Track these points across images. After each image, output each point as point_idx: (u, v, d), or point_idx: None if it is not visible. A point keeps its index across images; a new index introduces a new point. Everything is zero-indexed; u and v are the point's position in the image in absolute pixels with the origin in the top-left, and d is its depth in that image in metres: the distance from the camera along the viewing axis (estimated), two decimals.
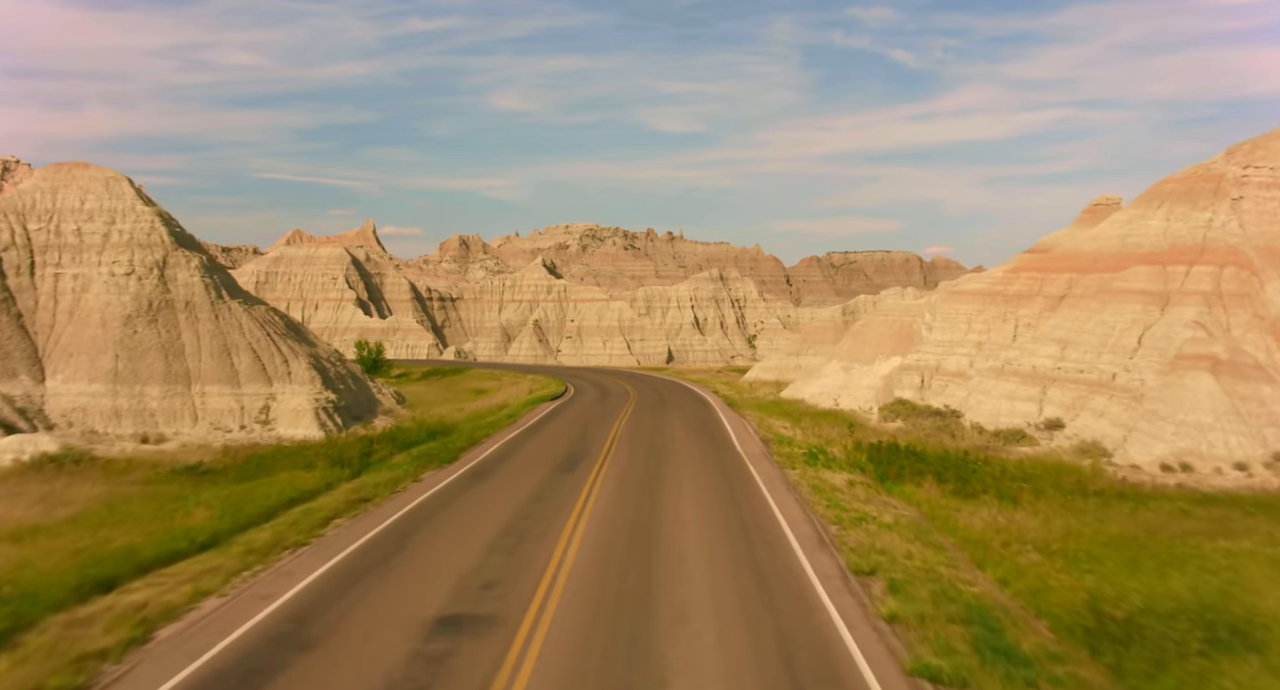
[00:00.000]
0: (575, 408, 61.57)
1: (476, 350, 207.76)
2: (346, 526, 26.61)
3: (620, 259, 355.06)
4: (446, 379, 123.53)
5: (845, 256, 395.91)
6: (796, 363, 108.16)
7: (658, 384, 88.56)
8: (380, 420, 52.52)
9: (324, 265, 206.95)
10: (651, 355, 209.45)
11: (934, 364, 58.41)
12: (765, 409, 58.48)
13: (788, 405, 59.53)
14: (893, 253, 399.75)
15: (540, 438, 46.03)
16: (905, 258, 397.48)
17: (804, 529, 25.88)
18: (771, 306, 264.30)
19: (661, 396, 69.79)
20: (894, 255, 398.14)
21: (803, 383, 64.84)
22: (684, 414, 56.18)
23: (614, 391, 77.67)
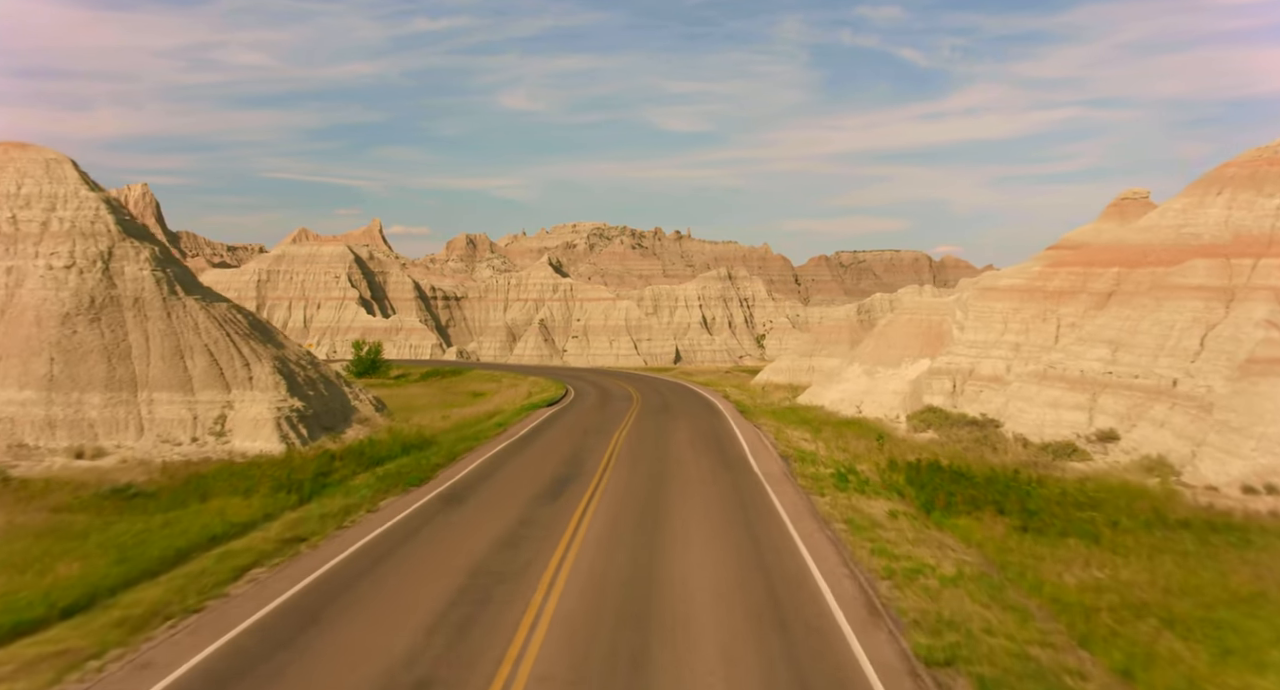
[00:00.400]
0: (573, 415, 55.72)
1: (481, 350, 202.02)
2: (263, 580, 20.66)
3: (628, 258, 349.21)
4: (445, 380, 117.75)
5: (854, 256, 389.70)
6: (809, 363, 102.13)
7: (663, 387, 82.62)
8: (354, 431, 46.59)
9: (326, 264, 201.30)
10: (659, 355, 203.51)
11: (967, 367, 52.35)
12: (781, 417, 52.55)
13: (805, 412, 53.60)
14: (902, 252, 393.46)
15: (528, 453, 40.06)
16: (915, 257, 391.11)
17: (847, 588, 19.85)
18: (780, 306, 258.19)
19: (667, 401, 63.94)
20: (903, 254, 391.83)
21: (821, 387, 58.73)
22: (692, 423, 50.25)
23: (616, 395, 71.81)
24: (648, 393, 72.77)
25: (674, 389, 78.57)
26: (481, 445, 42.84)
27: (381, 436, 43.91)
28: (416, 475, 34.11)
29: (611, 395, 71.84)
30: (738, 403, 60.65)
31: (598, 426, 48.75)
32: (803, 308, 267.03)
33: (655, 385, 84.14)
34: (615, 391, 76.07)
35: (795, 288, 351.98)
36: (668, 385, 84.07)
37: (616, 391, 75.88)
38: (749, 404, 59.38)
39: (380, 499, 29.93)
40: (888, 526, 26.16)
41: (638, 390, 76.60)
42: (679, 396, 69.24)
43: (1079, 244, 61.69)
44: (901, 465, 35.58)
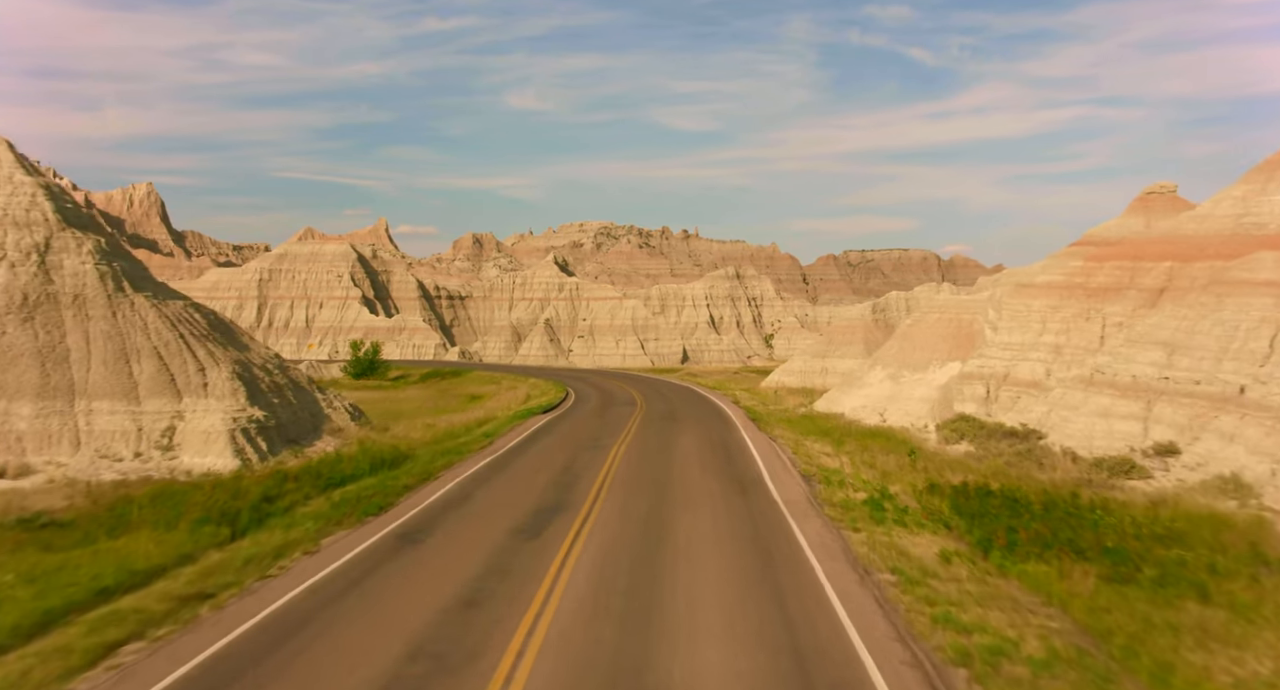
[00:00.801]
0: (569, 424, 50.43)
1: (486, 350, 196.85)
2: (129, 667, 15.34)
3: (635, 257, 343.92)
4: (445, 382, 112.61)
5: (862, 255, 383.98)
6: (823, 364, 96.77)
7: (670, 390, 77.31)
8: (323, 443, 41.32)
9: (329, 262, 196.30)
10: (666, 355, 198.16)
11: (1001, 371, 46.91)
12: (798, 426, 47.18)
13: (824, 421, 48.22)
14: (910, 251, 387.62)
15: (513, 472, 34.74)
16: (923, 256, 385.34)
17: (908, 679, 14.60)
18: (789, 305, 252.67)
19: (673, 408, 58.66)
20: (911, 253, 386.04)
21: (840, 393, 53.15)
22: (699, 434, 44.72)
23: (619, 400, 66.60)
24: (652, 397, 67.57)
25: (681, 393, 73.37)
26: (463, 461, 37.55)
27: (351, 451, 38.61)
28: (378, 501, 28.80)
29: (613, 399, 66.62)
30: (749, 409, 55.35)
31: (594, 438, 43.39)
32: (811, 307, 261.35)
33: (661, 388, 78.97)
34: (618, 395, 70.85)
35: (803, 287, 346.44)
36: (674, 388, 78.92)
37: (619, 395, 70.66)
38: (762, 411, 54.01)
39: (325, 535, 24.61)
40: (943, 576, 20.77)
41: (642, 394, 71.38)
42: (686, 401, 64.02)
43: (1114, 239, 56.51)
44: (944, 488, 30.14)
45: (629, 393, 73.58)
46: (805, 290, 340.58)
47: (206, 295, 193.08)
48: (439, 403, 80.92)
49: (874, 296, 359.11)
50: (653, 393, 72.67)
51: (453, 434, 45.94)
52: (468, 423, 52.69)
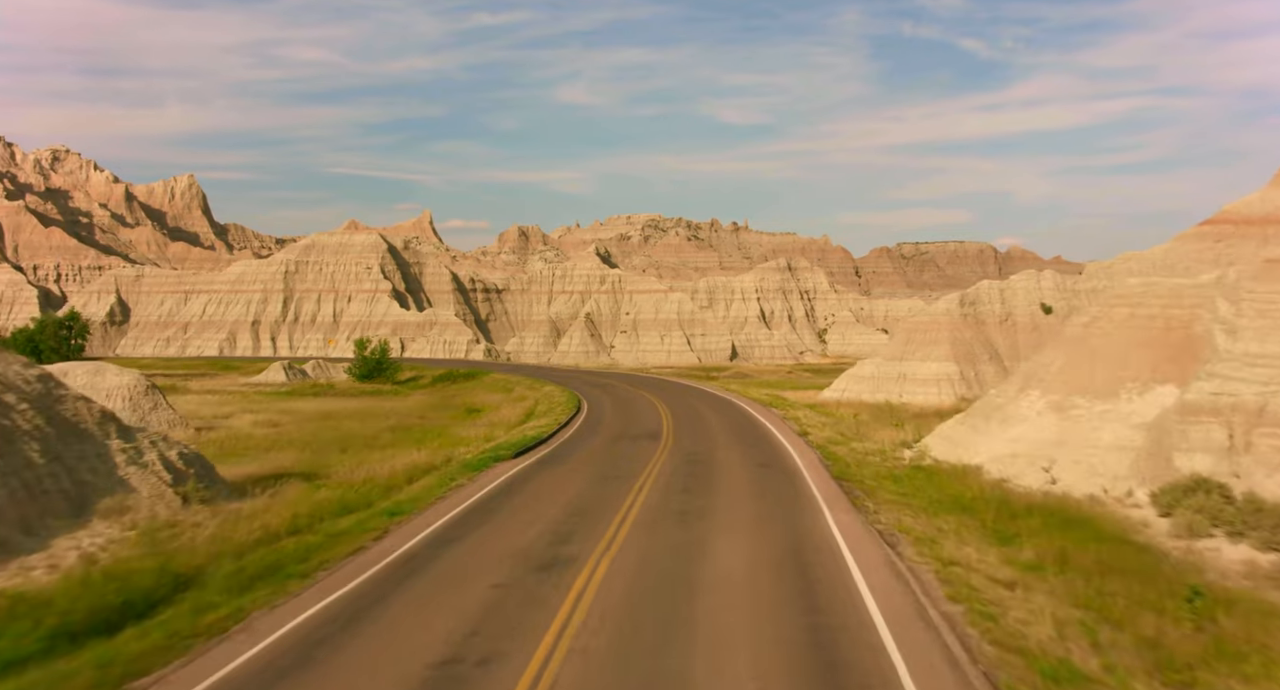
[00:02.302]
0: (545, 484, 30.21)
1: (523, 346, 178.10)
2: None
3: (683, 250, 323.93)
4: (454, 387, 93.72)
5: (916, 247, 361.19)
6: (899, 370, 76.53)
7: (711, 408, 56.50)
8: (65, 542, 21.95)
9: (358, 254, 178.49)
10: (714, 352, 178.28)
11: (1254, 403, 26.83)
12: (915, 492, 26.74)
13: (953, 481, 28.24)
14: (966, 243, 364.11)
15: (411, 601, 15.67)
16: (979, 248, 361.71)
17: None
18: (843, 298, 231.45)
19: (712, 445, 37.45)
20: (967, 246, 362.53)
21: (971, 430, 32.44)
22: (754, 517, 24.36)
23: (639, 427, 46.78)
24: (686, 424, 47.09)
25: (725, 414, 53.09)
26: (282, 601, 18.17)
27: (96, 575, 19.34)
28: None
29: (632, 425, 46.80)
30: (825, 450, 35.06)
31: (563, 534, 23.70)
32: (866, 301, 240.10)
33: (700, 407, 58.64)
34: (642, 417, 51.10)
35: (856, 280, 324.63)
36: (718, 407, 58.61)
37: (643, 417, 50.86)
38: (845, 455, 33.78)
39: None
40: None
41: (672, 415, 51.37)
42: (732, 431, 43.77)
43: (1251, 215, 36.57)
44: None
45: (658, 411, 53.80)
46: (858, 283, 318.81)
47: (231, 288, 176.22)
48: (426, 417, 62.26)
49: (928, 290, 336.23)
50: (687, 414, 52.64)
51: (347, 505, 26.53)
52: (410, 468, 33.42)
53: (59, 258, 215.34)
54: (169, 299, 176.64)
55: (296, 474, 34.66)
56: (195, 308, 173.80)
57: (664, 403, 59.15)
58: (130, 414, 54.24)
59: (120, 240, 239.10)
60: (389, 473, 32.70)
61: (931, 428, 42.63)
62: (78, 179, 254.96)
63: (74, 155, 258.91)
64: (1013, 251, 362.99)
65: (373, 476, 31.73)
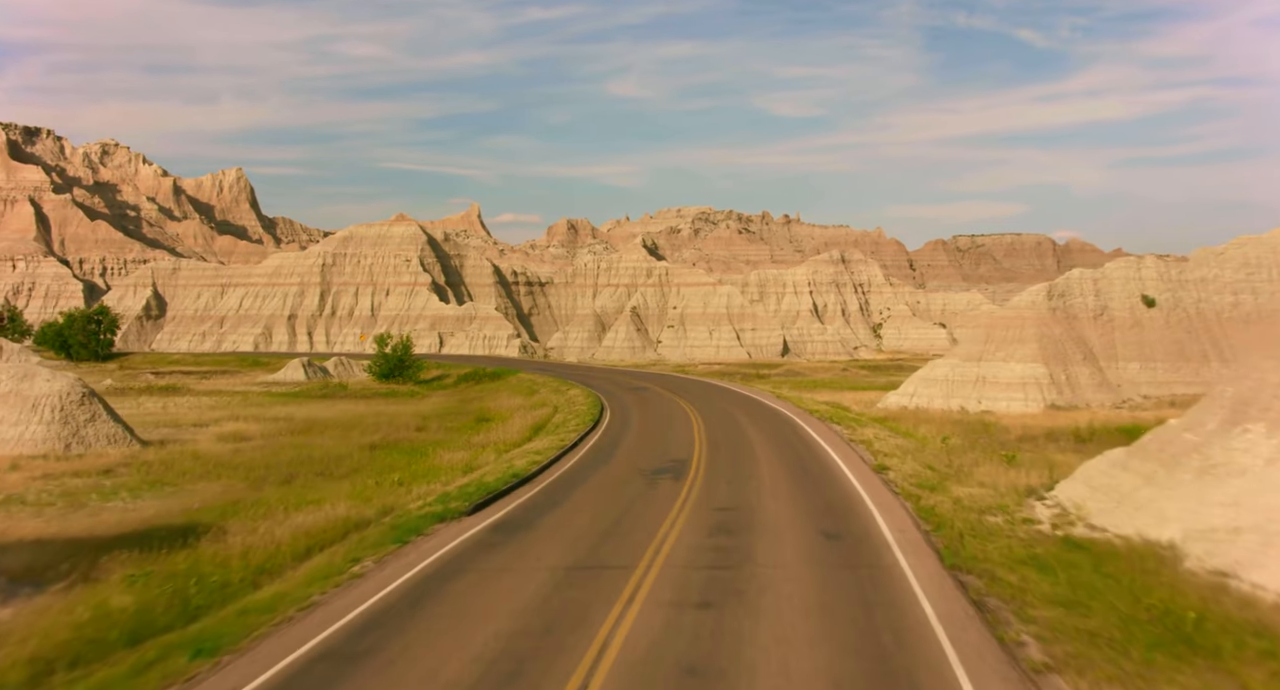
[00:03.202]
0: (510, 560, 18.90)
1: (567, 341, 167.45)
2: None
3: (734, 243, 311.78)
4: (477, 388, 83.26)
5: (972, 240, 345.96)
6: (978, 372, 64.78)
7: (756, 427, 44.07)
8: None
9: (397, 246, 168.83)
10: (764, 347, 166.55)
11: None
12: (1091, 610, 16.36)
13: (1133, 573, 17.37)
14: (1023, 235, 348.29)
15: None
16: (1037, 240, 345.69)
17: None
18: (899, 291, 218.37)
19: (754, 492, 24.51)
20: (1024, 238, 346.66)
21: (1148, 486, 21.11)
22: (826, 663, 13.15)
23: (666, 446, 35.53)
24: (723, 450, 34.72)
25: (774, 434, 41.23)
26: None
27: None
28: None
29: (654, 450, 35.17)
30: (919, 503, 23.42)
31: (558, 612, 13.28)
32: (923, 294, 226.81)
33: (744, 421, 46.51)
34: (670, 437, 39.51)
35: (910, 273, 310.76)
36: (765, 422, 46.63)
37: (672, 437, 39.20)
38: (948, 513, 21.88)
39: None
40: None
41: (709, 435, 39.61)
42: (782, 462, 31.54)
43: None
44: None
45: (689, 429, 42.36)
46: (912, 277, 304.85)
47: (267, 282, 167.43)
48: (425, 429, 52.00)
49: (984, 283, 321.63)
50: (727, 433, 40.81)
51: (134, 631, 15.78)
52: (326, 526, 22.71)
53: (105, 251, 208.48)
54: (205, 292, 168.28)
55: (181, 527, 24.23)
56: (232, 301, 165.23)
57: (701, 415, 47.89)
58: (61, 427, 44.23)
59: (167, 234, 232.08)
60: (290, 535, 22.02)
61: (1052, 458, 31.12)
62: (126, 173, 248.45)
63: (123, 149, 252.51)
64: (1071, 244, 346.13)
65: (256, 545, 21.02)
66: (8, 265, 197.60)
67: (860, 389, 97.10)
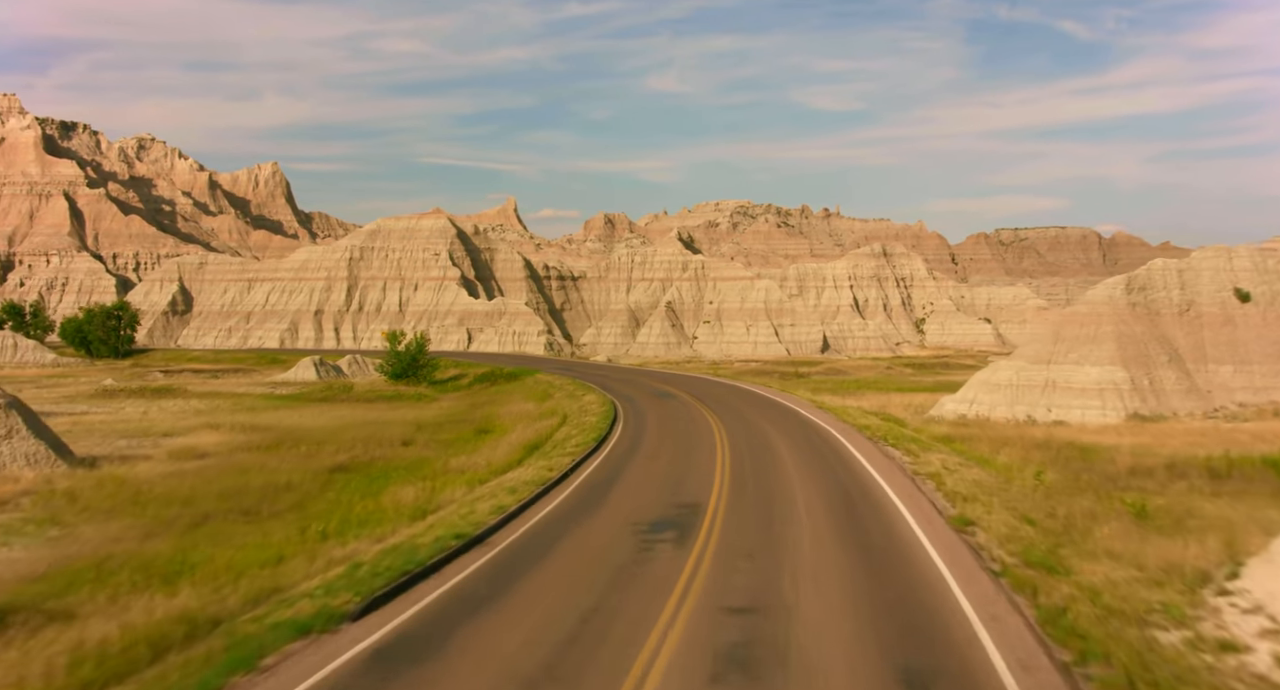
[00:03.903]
0: (439, 670, 11.94)
1: (600, 337, 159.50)
2: None
3: (773, 237, 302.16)
4: (491, 390, 75.57)
5: (1015, 233, 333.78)
6: (1046, 375, 56.06)
7: (792, 449, 34.06)
8: None
9: (425, 239, 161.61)
10: (803, 343, 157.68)
11: None
12: None
13: None
14: (1068, 229, 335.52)
15: None
16: (1082, 234, 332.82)
17: None
18: (942, 286, 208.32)
19: (790, 570, 16.91)
20: (1069, 231, 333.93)
21: None
22: None
23: (679, 482, 27.00)
24: (750, 488, 25.51)
25: (815, 461, 31.94)
26: None
27: None
28: None
29: (663, 488, 26.81)
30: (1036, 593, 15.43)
31: None
32: (966, 288, 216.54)
33: (778, 440, 37.28)
34: (686, 466, 30.64)
35: (952, 267, 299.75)
36: (803, 442, 37.53)
37: (688, 466, 30.33)
38: (1089, 623, 14.56)
39: None
40: None
41: (733, 464, 30.69)
42: (827, 511, 22.02)
43: None
44: None
45: (710, 453, 33.76)
46: (954, 271, 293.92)
47: (294, 276, 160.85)
48: (412, 444, 44.50)
49: (1028, 277, 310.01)
50: (756, 459, 32.07)
51: None
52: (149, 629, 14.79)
53: (138, 246, 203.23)
54: (232, 287, 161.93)
55: (8, 601, 16.53)
56: (258, 297, 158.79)
57: (728, 432, 39.48)
58: None
59: (202, 229, 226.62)
60: (96, 642, 14.13)
61: (1195, 508, 22.66)
62: (162, 167, 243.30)
63: (159, 143, 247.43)
64: (1117, 237, 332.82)
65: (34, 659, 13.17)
66: (41, 260, 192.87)
67: (907, 391, 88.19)
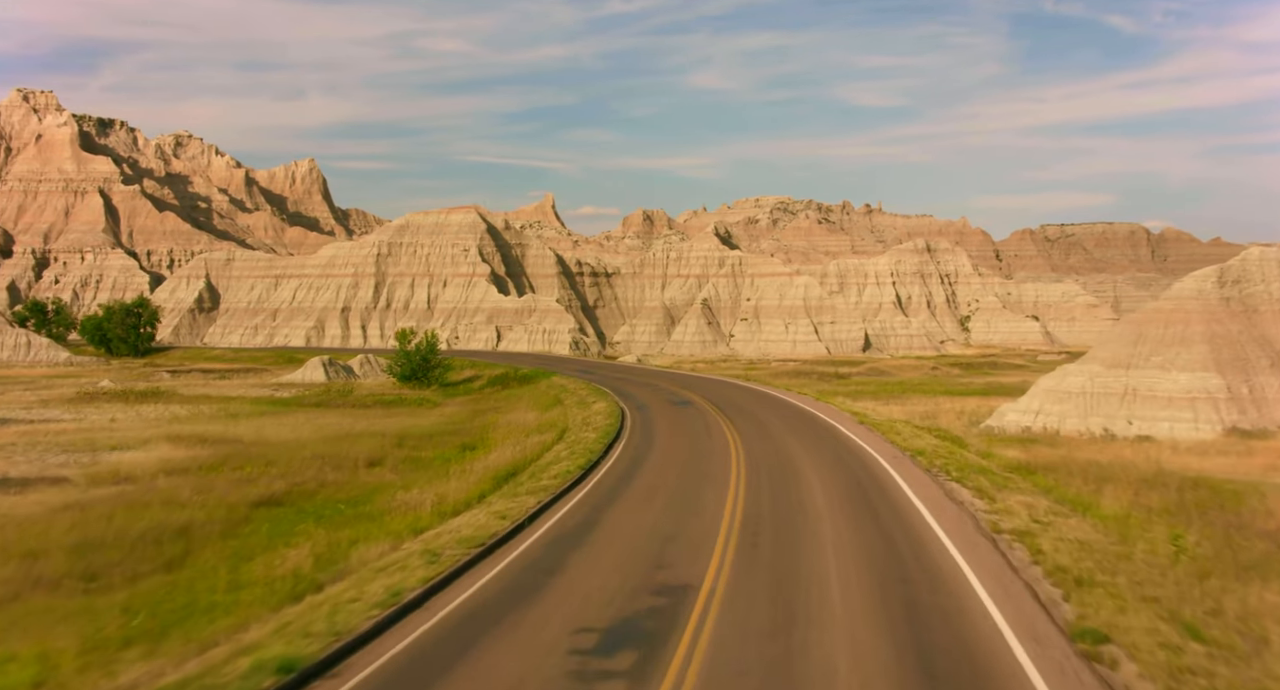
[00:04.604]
0: None
1: (634, 335, 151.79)
2: None
3: (813, 233, 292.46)
4: (504, 393, 68.12)
5: (1061, 229, 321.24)
6: (1125, 381, 47.51)
7: (826, 481, 26.28)
8: None
9: (454, 234, 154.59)
10: (844, 342, 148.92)
11: None
12: None
13: None
14: (1115, 224, 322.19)
15: None
16: (1130, 230, 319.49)
17: None
18: (988, 283, 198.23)
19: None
20: (1117, 227, 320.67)
21: None
22: None
23: (671, 537, 19.48)
24: (768, 546, 18.11)
25: (863, 502, 23.72)
26: None
27: None
28: None
29: (658, 533, 19.73)
30: None
31: None
32: (1013, 285, 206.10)
33: (807, 468, 29.14)
34: (692, 508, 22.87)
35: (996, 264, 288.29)
36: (847, 467, 29.29)
37: (689, 509, 22.54)
38: None
39: None
40: None
41: (745, 509, 22.42)
42: (884, 603, 15.31)
43: None
44: None
45: (724, 490, 25.61)
46: (998, 268, 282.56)
47: (321, 273, 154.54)
48: (377, 465, 37.28)
49: (1075, 274, 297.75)
50: (779, 501, 23.78)
51: None
52: None
53: (172, 243, 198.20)
54: (259, 284, 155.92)
55: None
56: (285, 293, 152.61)
57: (747, 457, 31.43)
58: None
59: (238, 225, 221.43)
60: None
61: None
62: (199, 164, 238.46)
63: (196, 140, 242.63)
64: (1167, 233, 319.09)
65: None
66: (76, 257, 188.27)
67: (956, 394, 79.59)
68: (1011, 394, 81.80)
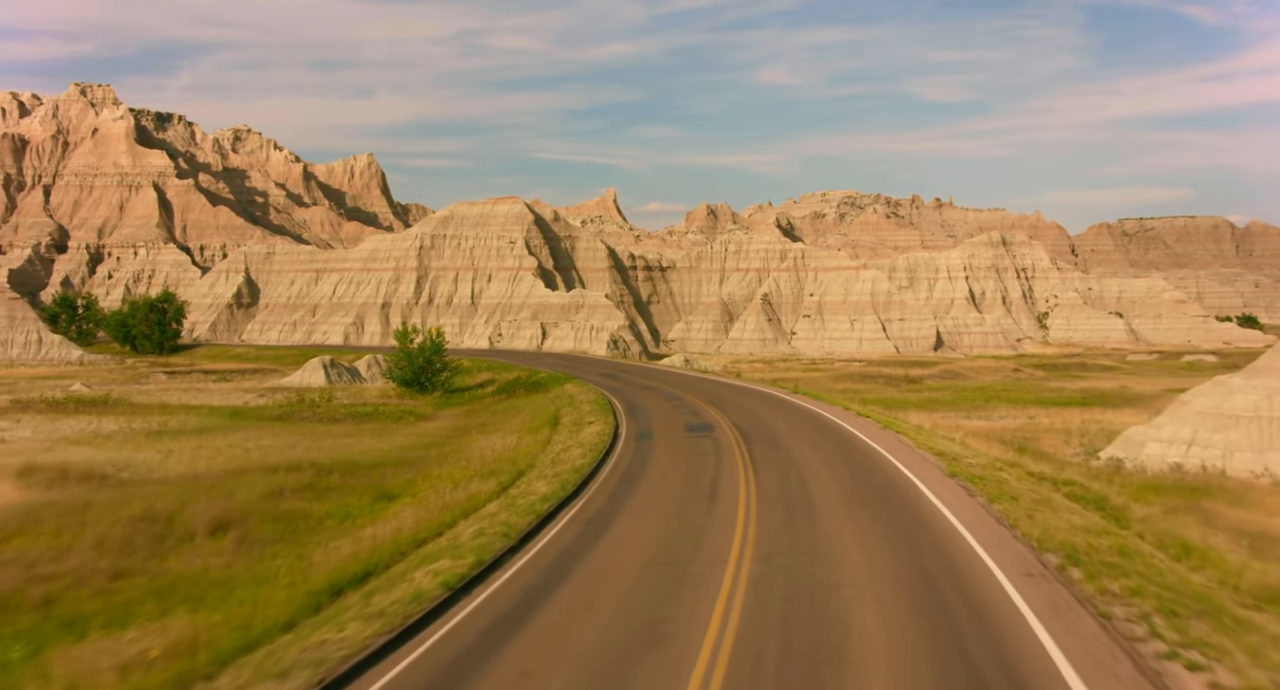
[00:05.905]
0: None
1: (690, 332, 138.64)
2: None
3: (881, 228, 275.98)
4: (505, 404, 55.18)
5: (1140, 223, 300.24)
6: None
7: (884, 598, 15.12)
8: None
9: (500, 226, 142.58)
10: (914, 340, 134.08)
11: None
12: None
13: None
14: (1197, 218, 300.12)
15: None
16: (1213, 224, 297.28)
17: None
18: (1067, 278, 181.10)
19: None
20: (1199, 221, 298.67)
21: None
22: None
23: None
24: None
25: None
26: None
27: None
28: None
29: None
30: None
31: None
32: (1095, 281, 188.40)
33: (857, 562, 16.69)
34: (657, 651, 10.86)
35: (1072, 259, 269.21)
36: (926, 561, 16.78)
37: (658, 658, 10.72)
38: None
39: None
40: None
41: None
42: None
43: None
44: None
45: (713, 597, 13.19)
46: (1074, 263, 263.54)
47: (362, 266, 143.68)
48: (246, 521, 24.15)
49: (1155, 270, 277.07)
50: (796, 643, 11.78)
51: None
52: None
53: (225, 237, 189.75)
54: (299, 278, 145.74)
55: None
56: (325, 288, 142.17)
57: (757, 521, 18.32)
58: None
59: (294, 220, 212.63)
60: None
61: None
62: (257, 159, 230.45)
63: (254, 135, 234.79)
64: (1253, 227, 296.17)
65: None
66: (129, 252, 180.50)
67: (1050, 404, 65.02)
68: (1114, 403, 66.64)
